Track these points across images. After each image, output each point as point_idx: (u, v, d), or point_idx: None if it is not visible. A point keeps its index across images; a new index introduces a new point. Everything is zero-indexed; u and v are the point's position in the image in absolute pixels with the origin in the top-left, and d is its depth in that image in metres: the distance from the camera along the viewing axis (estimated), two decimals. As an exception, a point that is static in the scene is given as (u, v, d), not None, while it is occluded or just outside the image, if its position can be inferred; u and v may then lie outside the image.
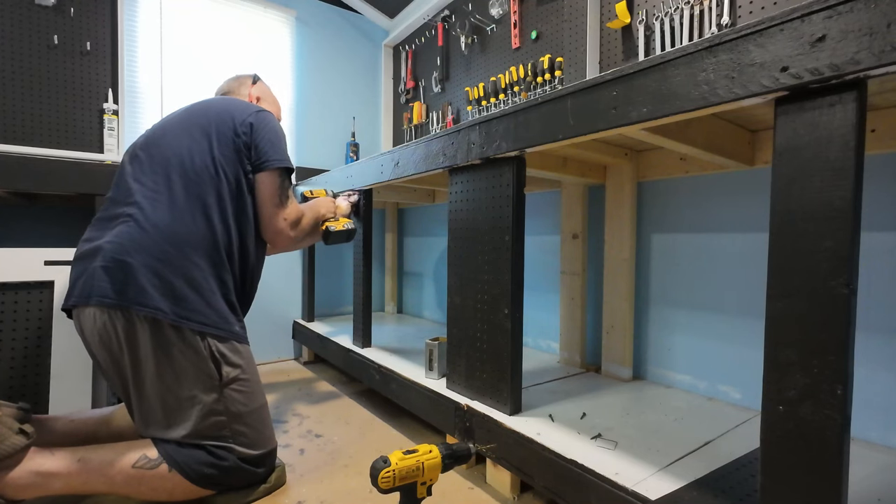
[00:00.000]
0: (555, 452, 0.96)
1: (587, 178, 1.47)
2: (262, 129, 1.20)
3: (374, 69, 2.88)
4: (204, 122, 1.18)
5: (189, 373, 1.04)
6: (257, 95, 1.45)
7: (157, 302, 1.01)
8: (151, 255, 1.03)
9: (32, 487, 0.94)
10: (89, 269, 1.04)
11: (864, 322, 1.05)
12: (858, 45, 0.57)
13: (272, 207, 1.21)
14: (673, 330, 1.43)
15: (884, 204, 1.05)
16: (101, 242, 1.05)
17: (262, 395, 1.16)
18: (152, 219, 1.06)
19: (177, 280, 1.04)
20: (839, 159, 0.60)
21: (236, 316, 1.14)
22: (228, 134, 1.17)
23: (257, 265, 1.25)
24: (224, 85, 1.48)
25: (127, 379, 1.05)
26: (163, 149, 1.15)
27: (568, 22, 1.67)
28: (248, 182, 1.18)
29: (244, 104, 1.25)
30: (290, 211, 1.25)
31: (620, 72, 0.84)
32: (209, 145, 1.15)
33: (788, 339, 0.64)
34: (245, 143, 1.17)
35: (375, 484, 0.82)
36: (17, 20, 1.84)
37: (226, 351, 1.08)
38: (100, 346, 1.05)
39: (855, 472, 0.91)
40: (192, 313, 1.04)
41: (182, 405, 1.04)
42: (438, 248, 2.51)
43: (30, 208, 1.87)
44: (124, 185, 1.13)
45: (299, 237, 1.31)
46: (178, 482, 1.01)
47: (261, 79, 1.51)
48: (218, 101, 1.26)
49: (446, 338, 1.37)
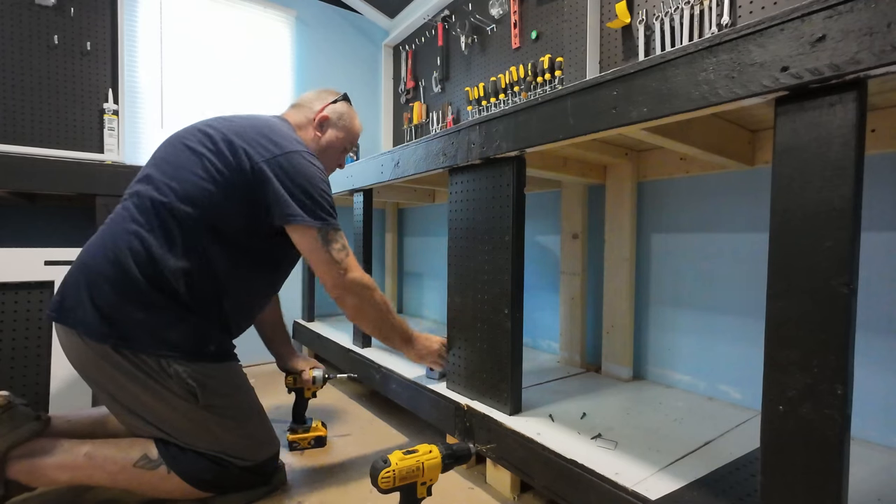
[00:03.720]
0: (555, 452, 0.96)
1: (587, 178, 1.47)
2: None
3: (374, 69, 2.88)
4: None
5: (162, 397, 1.01)
6: (327, 115, 1.29)
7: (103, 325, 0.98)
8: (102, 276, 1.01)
9: (43, 477, 0.97)
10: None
11: (864, 322, 1.05)
12: (859, 44, 0.57)
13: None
14: (673, 330, 1.43)
15: (884, 204, 1.05)
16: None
17: (251, 408, 1.11)
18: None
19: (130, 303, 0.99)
20: (839, 159, 0.60)
21: (206, 331, 1.06)
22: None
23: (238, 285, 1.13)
24: (303, 95, 1.36)
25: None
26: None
27: (568, 22, 1.67)
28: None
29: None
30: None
31: (621, 72, 0.84)
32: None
33: (788, 339, 0.64)
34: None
35: (375, 484, 0.82)
36: (17, 20, 1.84)
37: (197, 374, 1.02)
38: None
39: (855, 472, 0.91)
40: (147, 337, 0.99)
41: (166, 422, 1.03)
42: (438, 248, 2.51)
43: (30, 208, 1.87)
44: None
45: (361, 294, 1.17)
46: (176, 484, 1.01)
47: (348, 99, 1.36)
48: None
49: (447, 338, 1.37)
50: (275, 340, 1.48)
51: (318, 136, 1.28)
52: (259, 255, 1.14)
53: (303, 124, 1.28)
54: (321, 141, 1.29)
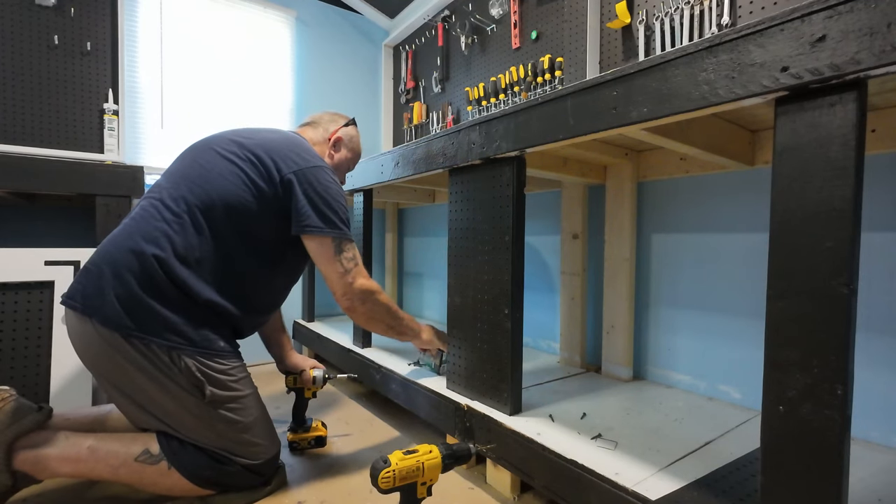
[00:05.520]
0: (555, 452, 0.96)
1: (587, 178, 1.47)
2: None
3: (374, 69, 2.88)
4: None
5: (169, 390, 1.02)
6: (340, 136, 1.38)
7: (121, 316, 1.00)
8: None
9: (47, 469, 0.98)
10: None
11: (864, 322, 1.05)
12: (859, 45, 0.57)
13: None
14: (673, 330, 1.43)
15: (884, 204, 1.05)
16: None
17: (257, 407, 1.12)
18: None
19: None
20: (839, 159, 0.60)
21: (219, 330, 1.09)
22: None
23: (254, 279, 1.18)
24: (316, 114, 1.44)
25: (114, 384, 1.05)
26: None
27: (568, 22, 1.67)
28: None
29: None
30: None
31: (621, 72, 0.84)
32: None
33: (788, 339, 0.64)
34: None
35: (375, 484, 0.82)
36: (17, 20, 1.84)
37: (206, 369, 1.04)
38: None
39: (855, 473, 0.91)
40: (162, 329, 1.01)
41: (170, 416, 1.03)
42: (438, 248, 2.51)
43: (30, 208, 1.87)
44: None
45: (368, 302, 1.23)
46: (177, 480, 1.02)
47: (355, 123, 1.47)
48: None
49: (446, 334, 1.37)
50: (275, 341, 1.49)
51: (332, 155, 1.37)
52: (280, 260, 1.20)
53: (318, 142, 1.35)
54: (334, 159, 1.37)
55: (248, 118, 2.42)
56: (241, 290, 1.13)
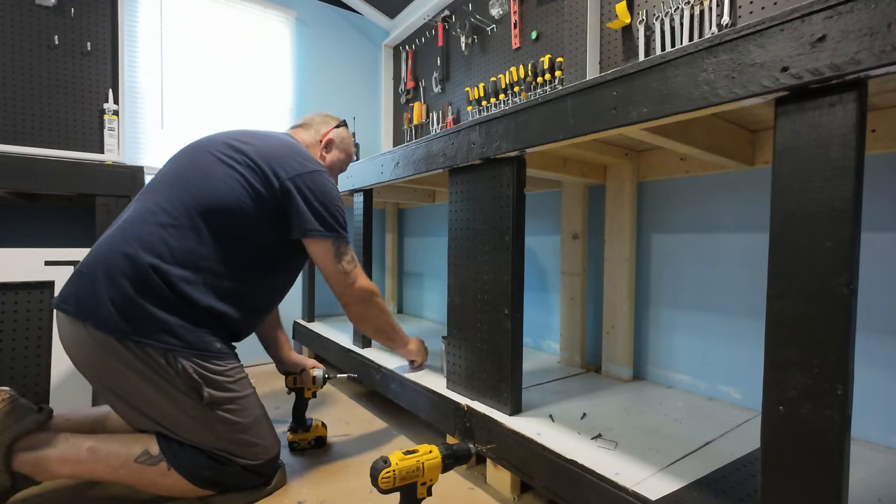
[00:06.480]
0: (555, 453, 0.96)
1: (587, 178, 1.47)
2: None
3: (374, 69, 2.88)
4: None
5: (166, 392, 1.02)
6: (332, 138, 1.39)
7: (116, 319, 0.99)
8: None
9: (46, 470, 0.98)
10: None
11: (864, 322, 1.05)
12: (859, 45, 0.57)
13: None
14: (673, 330, 1.43)
15: (884, 204, 1.05)
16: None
17: (256, 407, 1.12)
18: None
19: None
20: (839, 159, 0.60)
21: (217, 333, 1.09)
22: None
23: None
24: (308, 116, 1.46)
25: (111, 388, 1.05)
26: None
27: (568, 22, 1.67)
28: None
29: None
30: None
31: (621, 72, 0.84)
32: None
33: (788, 339, 0.64)
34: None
35: (375, 484, 0.82)
36: (17, 20, 1.84)
37: (203, 371, 1.03)
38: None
39: (855, 472, 0.91)
40: (158, 332, 1.00)
41: (168, 418, 1.03)
42: (438, 248, 2.51)
43: (30, 208, 1.87)
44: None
45: (367, 302, 1.30)
46: (176, 480, 1.01)
47: (346, 124, 1.48)
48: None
49: (447, 336, 1.37)
50: (273, 340, 1.49)
51: (324, 156, 1.39)
52: (277, 263, 1.21)
53: (310, 144, 1.37)
54: (326, 160, 1.39)
55: (248, 118, 2.42)
56: (240, 293, 1.13)
